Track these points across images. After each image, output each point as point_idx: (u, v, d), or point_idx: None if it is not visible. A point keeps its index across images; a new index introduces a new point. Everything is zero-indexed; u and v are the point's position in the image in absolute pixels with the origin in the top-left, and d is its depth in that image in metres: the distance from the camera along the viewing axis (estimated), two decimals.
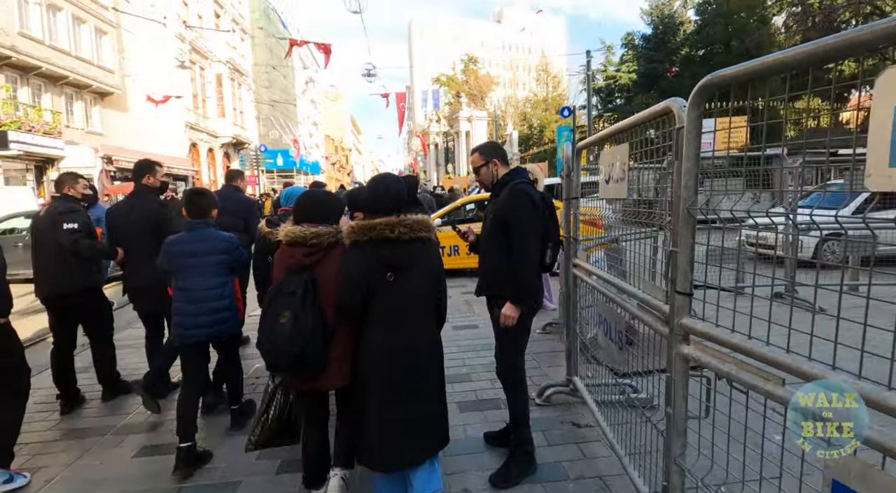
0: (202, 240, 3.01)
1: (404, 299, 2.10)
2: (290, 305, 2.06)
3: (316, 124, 67.64)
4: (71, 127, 21.06)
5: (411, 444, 2.08)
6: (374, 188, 2.20)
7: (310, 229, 2.18)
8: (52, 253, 3.54)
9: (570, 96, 39.90)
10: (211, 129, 29.95)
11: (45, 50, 19.10)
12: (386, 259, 2.06)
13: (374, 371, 2.09)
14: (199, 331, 2.94)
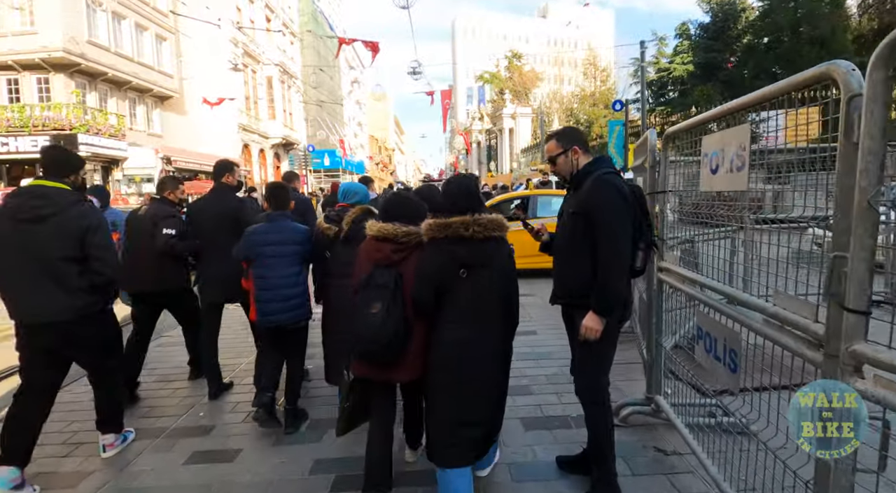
0: (280, 231, 3.18)
1: (475, 297, 2.15)
2: (382, 297, 2.17)
3: (361, 125, 68.71)
4: (134, 129, 22.18)
5: (467, 443, 2.15)
6: (450, 188, 2.28)
7: (401, 228, 2.30)
8: (150, 253, 3.76)
9: (619, 90, 38.51)
10: (262, 130, 30.84)
11: (110, 57, 20.16)
12: (459, 256, 2.13)
13: (440, 366, 2.17)
14: (274, 317, 3.13)
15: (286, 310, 3.15)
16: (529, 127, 41.43)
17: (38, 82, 18.96)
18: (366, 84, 70.15)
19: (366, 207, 3.20)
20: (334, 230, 3.11)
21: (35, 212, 2.57)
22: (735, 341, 1.97)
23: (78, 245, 2.64)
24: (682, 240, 3.10)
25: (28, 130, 18.03)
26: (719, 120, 2.27)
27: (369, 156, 65.87)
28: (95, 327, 2.82)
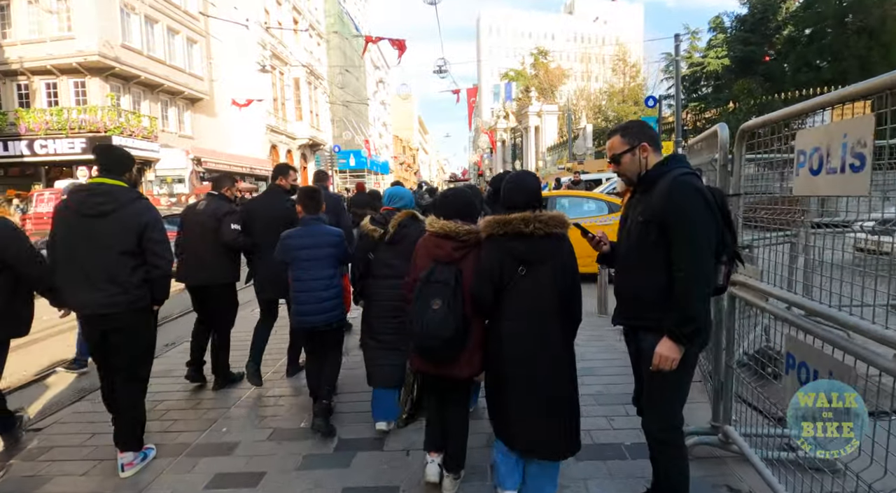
0: (314, 235, 3.27)
1: (535, 294, 2.14)
2: (443, 293, 2.21)
3: (385, 125, 68.97)
4: (166, 131, 22.61)
5: (538, 436, 2.17)
6: (509, 185, 2.26)
7: (463, 226, 2.33)
8: (207, 247, 3.89)
9: (649, 86, 37.47)
10: (289, 131, 31.13)
11: (143, 60, 20.57)
12: (519, 253, 2.14)
13: (501, 363, 2.20)
14: (310, 318, 3.21)
15: (321, 311, 3.21)
16: (556, 125, 40.67)
17: (75, 86, 19.48)
18: (391, 84, 70.42)
19: (411, 211, 3.23)
20: (379, 232, 3.14)
21: (98, 208, 2.70)
22: (848, 375, 1.63)
23: (136, 239, 2.75)
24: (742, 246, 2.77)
25: (65, 132, 18.54)
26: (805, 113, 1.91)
27: (394, 156, 66.06)
28: (140, 323, 2.89)
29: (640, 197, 2.05)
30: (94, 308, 2.74)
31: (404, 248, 3.03)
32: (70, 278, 2.75)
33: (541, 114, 40.91)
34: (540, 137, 41.66)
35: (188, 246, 3.98)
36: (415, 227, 3.14)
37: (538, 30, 76.97)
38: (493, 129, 49.42)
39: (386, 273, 3.14)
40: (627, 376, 2.52)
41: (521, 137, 46.24)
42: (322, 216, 3.42)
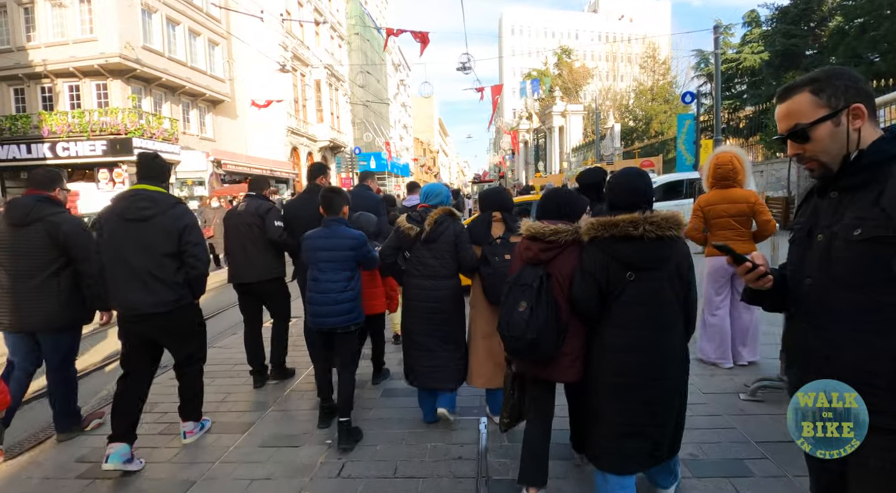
0: (333, 236, 3.22)
1: (645, 302, 2.03)
2: (527, 296, 2.16)
3: (406, 127, 68.71)
4: (187, 133, 22.46)
5: (640, 452, 2.05)
6: (616, 183, 2.16)
7: (549, 226, 2.25)
8: (254, 246, 4.06)
9: (680, 84, 36.11)
10: (310, 133, 30.87)
11: (165, 62, 20.43)
12: (626, 257, 2.02)
13: (606, 372, 2.09)
14: (325, 319, 3.17)
15: (336, 314, 3.18)
16: (581, 125, 39.57)
17: (97, 88, 19.42)
18: (411, 86, 70.13)
19: (448, 208, 3.17)
20: (416, 230, 3.09)
21: (142, 212, 2.86)
22: None
23: (176, 242, 2.92)
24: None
25: (87, 135, 18.46)
26: None
27: (414, 158, 65.70)
28: (187, 318, 3.08)
29: (845, 196, 1.25)
30: (143, 308, 2.88)
31: (440, 246, 3.08)
32: (117, 280, 2.90)
33: (565, 114, 39.85)
34: (564, 137, 40.58)
35: (233, 248, 4.15)
36: (451, 225, 3.11)
37: (561, 29, 75.69)
38: (515, 130, 48.49)
39: (421, 272, 3.11)
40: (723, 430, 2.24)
41: (544, 137, 45.25)
42: (342, 218, 3.36)
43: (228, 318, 6.79)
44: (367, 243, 3.31)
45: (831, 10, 20.76)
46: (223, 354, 5.07)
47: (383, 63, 48.74)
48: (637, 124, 34.56)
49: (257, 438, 3.22)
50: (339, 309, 3.16)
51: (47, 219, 3.09)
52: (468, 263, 3.11)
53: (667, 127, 32.95)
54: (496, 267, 3.01)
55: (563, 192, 2.46)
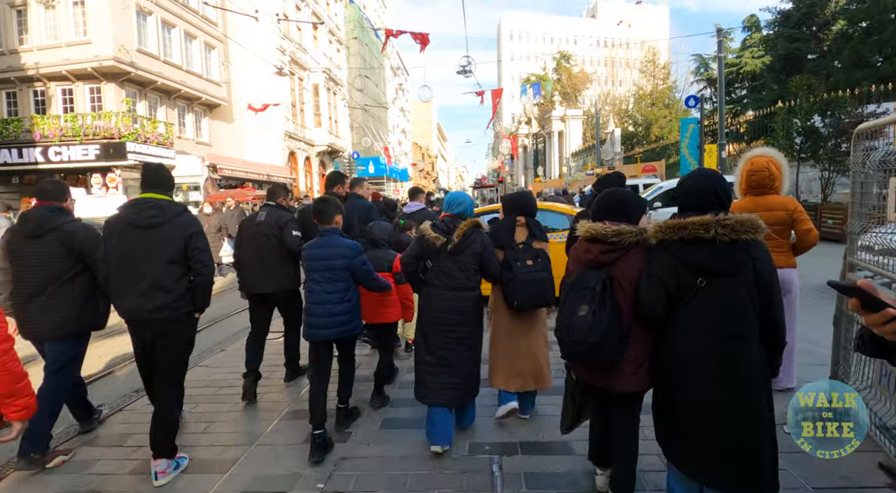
0: (326, 246, 3.21)
1: (719, 309, 1.91)
2: (588, 300, 2.09)
3: (405, 132, 68.48)
4: (182, 138, 22.11)
5: (721, 467, 1.88)
6: (686, 184, 2.10)
7: (611, 227, 2.16)
8: (271, 256, 4.06)
9: (680, 88, 35.94)
10: (308, 138, 30.55)
11: (160, 65, 20.11)
12: (697, 262, 1.93)
13: (671, 381, 2.02)
14: (320, 331, 3.17)
15: (333, 325, 3.17)
16: (580, 130, 39.36)
17: (90, 92, 19.07)
18: (410, 91, 69.96)
19: (475, 220, 3.11)
20: (442, 241, 3.02)
21: (150, 220, 2.90)
22: None
23: (183, 248, 2.94)
24: None
25: (79, 139, 18.09)
26: None
27: (412, 163, 65.44)
28: (184, 328, 3.05)
29: None
30: (143, 314, 2.90)
31: (465, 259, 3.02)
32: (122, 286, 2.93)
33: (565, 118, 39.65)
34: (564, 142, 40.36)
35: (249, 257, 4.12)
36: (479, 237, 3.05)
37: (560, 34, 75.76)
38: (514, 134, 48.31)
39: (444, 283, 3.04)
40: None
41: (543, 142, 45.04)
42: (336, 228, 3.32)
43: (217, 332, 6.40)
44: (362, 255, 3.27)
45: (834, 13, 20.57)
46: (210, 375, 4.67)
47: (382, 67, 48.54)
48: (637, 129, 34.33)
49: (239, 481, 2.85)
50: (334, 321, 3.16)
51: (61, 229, 3.13)
52: (494, 274, 3.13)
53: (667, 132, 32.78)
54: (517, 272, 3.03)
55: (621, 191, 2.36)
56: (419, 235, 3.15)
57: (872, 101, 11.59)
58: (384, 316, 3.76)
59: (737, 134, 22.14)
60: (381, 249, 3.91)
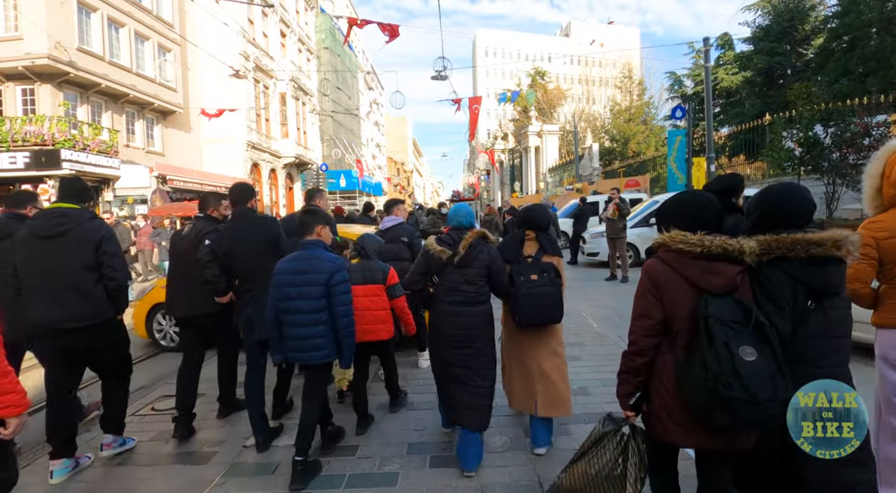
0: (305, 259, 2.96)
1: (833, 334, 1.82)
2: (745, 339, 1.73)
3: (379, 146, 67.22)
4: (131, 147, 20.22)
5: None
6: (783, 195, 1.93)
7: (734, 240, 1.79)
8: (197, 275, 3.60)
9: (656, 104, 35.83)
10: (273, 149, 28.88)
11: (105, 66, 18.30)
12: (817, 281, 1.78)
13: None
14: (295, 355, 2.96)
15: (306, 349, 2.91)
16: (557, 145, 38.84)
17: (22, 94, 17.10)
18: (385, 106, 68.93)
19: (482, 231, 3.05)
20: (448, 254, 2.96)
21: (57, 229, 2.95)
22: None
23: (93, 253, 2.98)
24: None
25: (7, 145, 16.05)
26: None
27: (387, 177, 64.13)
28: (108, 333, 3.11)
29: None
30: (60, 323, 2.89)
31: (474, 271, 2.95)
32: (35, 297, 2.92)
33: (542, 134, 39.10)
34: (541, 157, 39.74)
35: (175, 276, 3.85)
36: (486, 248, 2.99)
37: (534, 52, 76.44)
38: (491, 149, 47.72)
39: (453, 298, 2.95)
40: None
41: (520, 157, 44.42)
42: (319, 241, 3.04)
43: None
44: (343, 271, 2.98)
45: (814, 28, 20.38)
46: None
47: (355, 79, 47.34)
48: (614, 145, 33.91)
49: None
50: (308, 345, 2.90)
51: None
52: (502, 288, 3.02)
53: (644, 147, 32.46)
54: (519, 286, 2.93)
55: (701, 196, 1.95)
56: (424, 250, 3.09)
57: (881, 111, 10.85)
58: (376, 333, 3.49)
59: (716, 149, 21.63)
60: (371, 260, 3.64)
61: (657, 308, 1.81)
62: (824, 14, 19.99)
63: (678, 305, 1.77)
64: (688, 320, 1.76)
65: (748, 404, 1.58)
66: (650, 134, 33.07)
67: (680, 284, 1.78)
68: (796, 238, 1.76)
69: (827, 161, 10.61)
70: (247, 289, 3.52)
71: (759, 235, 1.83)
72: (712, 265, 1.74)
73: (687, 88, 33.11)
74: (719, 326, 1.66)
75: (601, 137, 35.69)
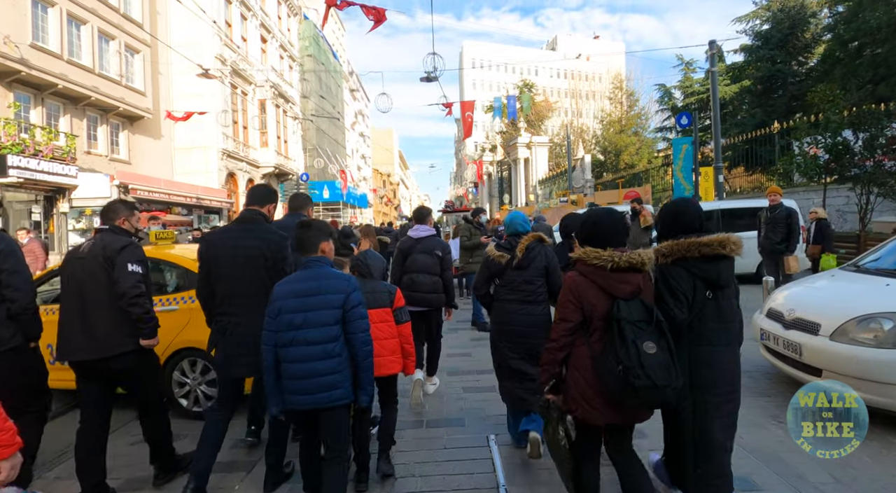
0: (314, 278, 2.52)
1: (722, 319, 2.27)
2: (647, 335, 2.14)
3: (365, 158, 65.99)
4: (92, 153, 18.60)
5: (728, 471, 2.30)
6: (679, 209, 2.41)
7: (638, 253, 2.24)
8: (105, 302, 2.90)
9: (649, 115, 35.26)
10: (252, 158, 27.38)
11: (63, 65, 16.75)
12: (711, 276, 2.23)
13: (698, 392, 2.26)
14: (299, 398, 2.45)
15: (315, 389, 2.41)
16: (546, 157, 38.01)
17: None
18: (371, 117, 67.83)
19: (538, 234, 3.21)
20: (506, 258, 3.17)
21: None
22: None
23: None
24: None
25: None
26: None
27: (373, 189, 62.80)
28: (16, 362, 2.80)
29: None
30: None
31: (532, 272, 3.16)
32: None
33: (531, 145, 38.26)
34: (530, 169, 38.87)
35: (67, 307, 2.95)
36: (543, 250, 3.19)
37: (521, 64, 76.42)
38: (479, 160, 46.86)
39: (514, 297, 3.16)
40: None
41: (508, 169, 43.54)
42: (325, 258, 2.62)
43: None
44: (359, 291, 2.56)
45: (815, 35, 19.79)
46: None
47: (340, 88, 46.20)
48: (607, 157, 33.17)
49: None
50: (318, 384, 2.41)
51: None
52: (559, 288, 2.84)
53: (637, 160, 31.79)
54: None
55: (614, 215, 2.36)
56: (485, 257, 3.31)
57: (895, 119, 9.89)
58: (386, 366, 3.06)
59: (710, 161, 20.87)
60: (375, 280, 3.23)
61: (577, 313, 2.20)
62: (826, 21, 19.39)
63: (595, 308, 2.17)
64: (602, 320, 2.15)
65: (651, 389, 1.99)
66: (642, 146, 32.42)
67: (596, 291, 2.18)
68: (690, 241, 2.22)
69: (858, 168, 9.58)
70: (223, 312, 2.95)
71: (664, 241, 2.29)
72: (621, 276, 2.15)
73: (677, 100, 32.65)
74: (629, 326, 2.07)
75: (592, 149, 34.97)
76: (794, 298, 4.45)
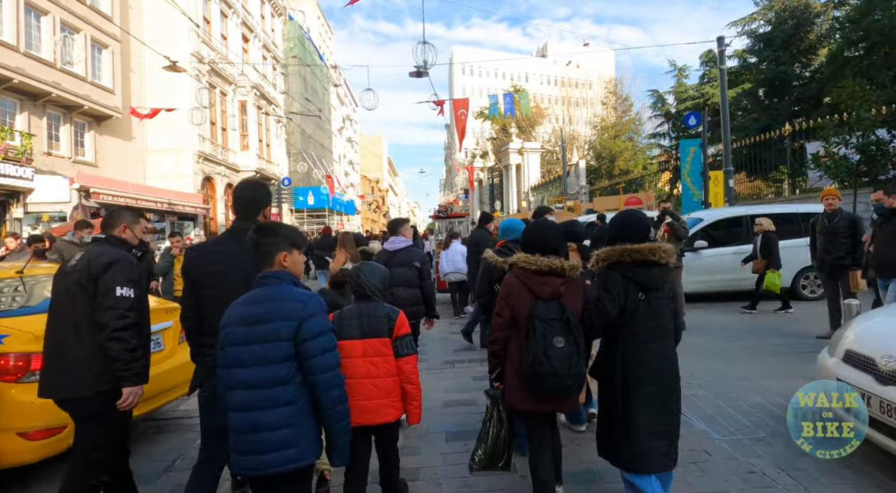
0: (262, 301, 1.96)
1: (655, 317, 2.43)
2: (558, 330, 2.37)
3: (353, 163, 64.75)
4: (54, 154, 17.14)
5: (662, 451, 2.38)
6: (625, 221, 2.59)
7: (565, 261, 2.51)
8: (85, 329, 2.37)
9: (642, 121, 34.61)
10: (231, 161, 26.03)
11: (19, 58, 15.34)
12: (642, 280, 2.41)
13: (631, 382, 2.39)
14: (245, 459, 1.90)
15: (259, 449, 1.85)
16: (538, 163, 37.17)
17: None
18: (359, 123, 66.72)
19: None
20: (507, 263, 3.19)
21: None
22: None
23: None
24: None
25: None
26: None
27: (360, 195, 61.52)
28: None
29: None
30: None
31: None
32: None
33: (523, 151, 37.39)
34: (522, 176, 38.00)
35: (49, 334, 2.46)
36: None
37: (511, 71, 75.99)
38: (470, 165, 46.00)
39: None
40: None
41: (500, 176, 42.67)
42: (283, 273, 2.02)
43: None
44: (324, 315, 1.99)
45: (819, 36, 19.12)
46: None
47: (327, 92, 45.00)
48: (601, 163, 32.37)
49: None
50: (261, 442, 1.84)
51: None
52: None
53: (633, 165, 31.04)
54: None
55: (554, 228, 2.75)
56: (485, 262, 3.50)
57: None
58: (379, 412, 2.45)
59: (712, 165, 20.08)
60: (373, 301, 2.62)
61: (507, 310, 2.49)
62: (830, 22, 18.74)
63: (522, 306, 2.43)
64: (526, 318, 2.39)
65: (553, 376, 2.27)
66: (637, 152, 31.70)
67: (524, 292, 2.45)
68: (624, 248, 2.39)
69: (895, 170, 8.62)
70: (210, 344, 2.30)
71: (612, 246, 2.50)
72: (544, 279, 2.44)
73: (670, 106, 32.05)
74: (540, 322, 2.34)
75: (586, 155, 34.18)
76: (887, 337, 3.21)
